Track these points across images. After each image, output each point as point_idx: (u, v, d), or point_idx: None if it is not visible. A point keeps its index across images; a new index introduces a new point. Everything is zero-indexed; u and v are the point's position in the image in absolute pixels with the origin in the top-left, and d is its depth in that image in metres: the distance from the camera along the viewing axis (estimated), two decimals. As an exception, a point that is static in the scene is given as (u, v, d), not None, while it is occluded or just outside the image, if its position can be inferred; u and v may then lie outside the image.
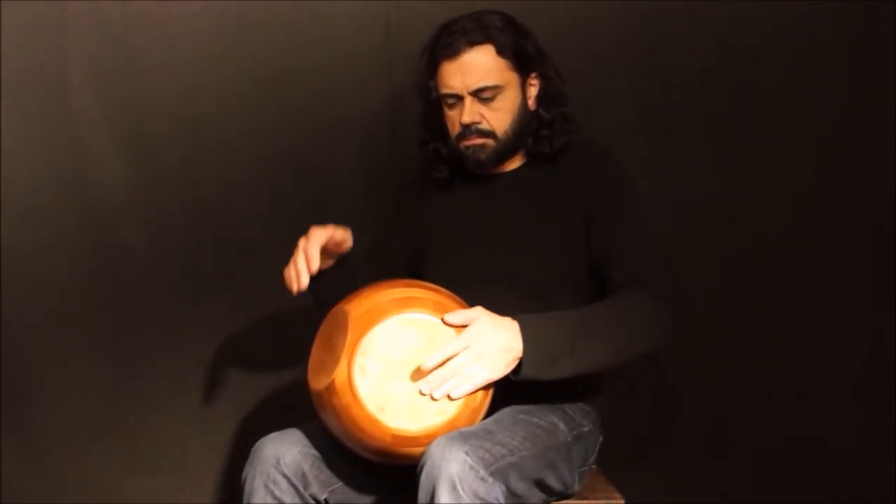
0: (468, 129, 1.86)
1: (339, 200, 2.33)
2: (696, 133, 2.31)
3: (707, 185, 2.31)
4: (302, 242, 1.76)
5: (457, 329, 1.61)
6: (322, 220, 2.30)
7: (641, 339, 1.71)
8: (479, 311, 1.62)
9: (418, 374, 1.60)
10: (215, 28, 2.29)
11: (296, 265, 1.75)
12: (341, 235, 1.82)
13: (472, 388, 1.59)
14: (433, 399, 1.58)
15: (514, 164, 1.94)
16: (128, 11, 2.27)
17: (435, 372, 1.58)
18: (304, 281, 1.73)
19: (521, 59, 1.87)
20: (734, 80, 2.29)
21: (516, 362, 1.62)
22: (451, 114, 1.89)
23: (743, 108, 2.30)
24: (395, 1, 2.29)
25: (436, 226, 1.97)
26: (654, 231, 1.87)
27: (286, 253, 2.29)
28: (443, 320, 1.61)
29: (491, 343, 1.59)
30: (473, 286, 1.74)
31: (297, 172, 2.32)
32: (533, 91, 1.91)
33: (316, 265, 1.74)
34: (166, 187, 2.31)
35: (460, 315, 1.62)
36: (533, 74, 1.90)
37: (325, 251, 1.80)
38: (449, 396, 1.58)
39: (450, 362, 1.58)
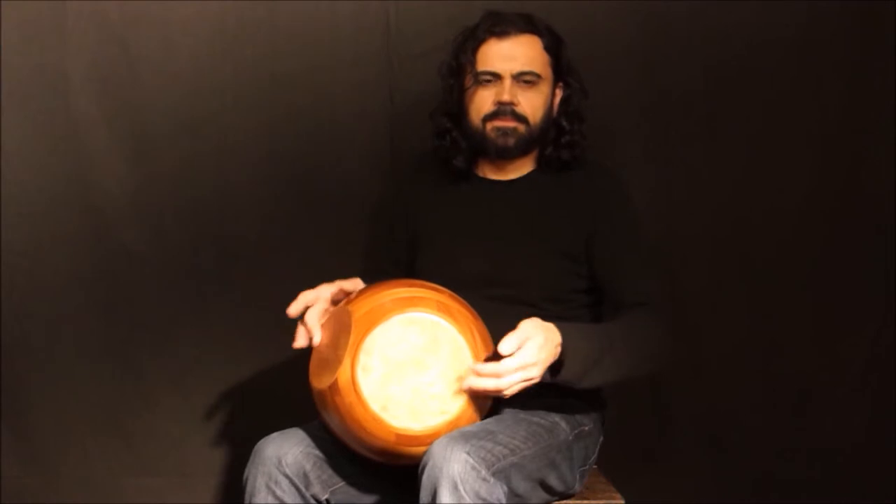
0: (503, 109, 1.86)
1: (339, 200, 2.33)
2: (696, 133, 2.31)
3: (707, 184, 2.31)
4: (309, 296, 1.74)
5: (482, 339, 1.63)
6: (322, 220, 2.32)
7: (651, 359, 1.77)
8: (530, 329, 1.57)
9: (422, 373, 1.60)
10: (215, 28, 2.29)
11: (305, 324, 1.73)
12: (350, 287, 1.80)
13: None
14: (505, 396, 1.57)
15: (524, 169, 1.94)
16: (128, 11, 2.27)
17: (512, 375, 1.54)
18: (314, 340, 1.71)
19: (558, 63, 1.90)
20: (734, 79, 2.29)
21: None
22: (485, 92, 1.87)
23: (743, 108, 2.30)
24: (395, 1, 2.29)
25: (437, 225, 1.96)
26: (653, 252, 1.93)
27: (286, 253, 2.31)
28: (497, 351, 1.56)
29: (545, 354, 1.57)
30: (471, 288, 1.75)
31: (297, 172, 2.32)
32: (557, 99, 1.93)
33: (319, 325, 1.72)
34: (166, 187, 2.31)
35: (515, 339, 1.55)
36: (560, 83, 1.92)
37: (335, 301, 1.78)
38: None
39: (525, 370, 1.54)
